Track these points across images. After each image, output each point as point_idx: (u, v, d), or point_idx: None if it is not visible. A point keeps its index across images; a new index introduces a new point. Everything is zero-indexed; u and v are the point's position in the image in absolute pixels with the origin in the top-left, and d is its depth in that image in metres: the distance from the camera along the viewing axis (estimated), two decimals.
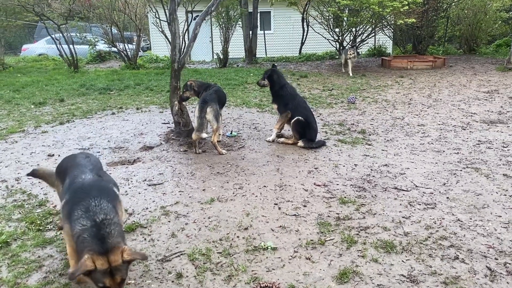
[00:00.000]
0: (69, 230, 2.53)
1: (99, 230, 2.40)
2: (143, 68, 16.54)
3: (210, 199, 4.43)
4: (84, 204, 2.51)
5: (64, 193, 2.78)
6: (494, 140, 6.21)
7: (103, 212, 2.47)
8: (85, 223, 2.43)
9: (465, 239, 3.50)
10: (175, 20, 6.41)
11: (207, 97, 5.95)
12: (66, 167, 3.08)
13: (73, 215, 2.50)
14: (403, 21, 13.20)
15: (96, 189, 2.65)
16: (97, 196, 2.56)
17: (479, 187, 4.54)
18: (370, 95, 10.08)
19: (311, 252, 3.39)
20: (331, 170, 5.23)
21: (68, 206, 2.60)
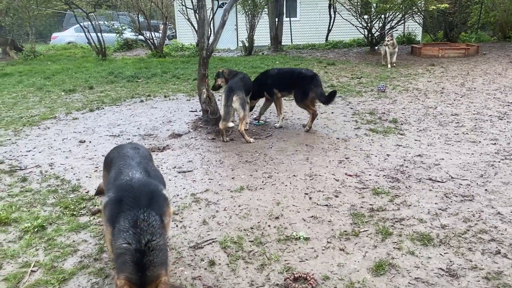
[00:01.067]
0: (111, 237, 2.40)
1: (142, 258, 2.21)
2: (169, 56, 16.59)
3: (240, 187, 4.40)
4: (131, 215, 2.34)
5: (109, 187, 2.66)
6: None
7: (150, 232, 2.29)
8: (130, 242, 2.25)
9: (507, 233, 3.36)
10: (204, 6, 6.35)
11: (233, 85, 5.90)
12: (112, 157, 3.01)
13: (118, 223, 2.34)
14: (435, 7, 12.76)
15: (146, 196, 2.45)
16: (146, 207, 2.38)
17: None
18: (400, 84, 9.82)
19: (345, 243, 3.32)
20: (362, 160, 5.12)
21: (113, 209, 2.44)
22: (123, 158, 2.91)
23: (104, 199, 2.59)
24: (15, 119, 7.39)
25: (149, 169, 2.83)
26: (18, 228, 3.68)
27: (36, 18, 17.33)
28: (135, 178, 2.61)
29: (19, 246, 3.40)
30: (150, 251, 2.25)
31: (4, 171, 4.98)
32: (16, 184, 4.63)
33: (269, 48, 18.32)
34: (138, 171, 2.71)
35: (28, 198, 4.28)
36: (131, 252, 2.23)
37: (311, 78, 6.29)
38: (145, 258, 2.22)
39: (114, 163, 2.90)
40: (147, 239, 2.27)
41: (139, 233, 2.29)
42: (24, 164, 5.22)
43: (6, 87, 10.39)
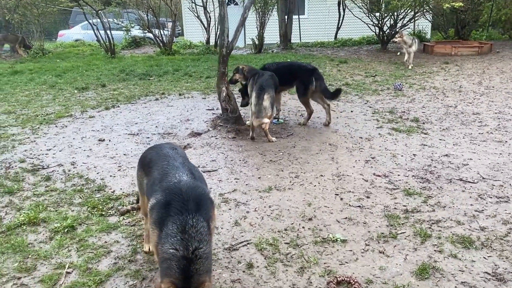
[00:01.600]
0: (157, 240, 2.34)
1: (189, 265, 2.18)
2: (178, 54, 16.51)
3: (268, 187, 4.34)
4: (180, 220, 2.28)
5: (154, 189, 2.58)
6: None
7: (197, 239, 2.24)
8: (177, 248, 2.21)
9: None
10: (224, 3, 6.27)
11: (264, 83, 5.83)
12: (151, 158, 2.92)
13: (166, 226, 2.29)
14: (449, 5, 12.64)
15: (194, 201, 2.38)
16: (195, 212, 2.32)
17: None
18: (416, 82, 9.72)
19: (384, 246, 3.25)
20: (389, 160, 5.04)
21: (161, 212, 2.38)
22: (164, 158, 2.83)
23: (151, 200, 2.51)
24: (31, 117, 7.34)
25: (193, 170, 2.76)
26: (48, 228, 3.63)
27: (44, 15, 17.25)
28: (183, 181, 2.54)
29: (51, 247, 3.35)
30: (197, 259, 2.20)
31: (27, 170, 4.92)
32: (40, 183, 4.57)
33: (278, 45, 18.22)
34: (184, 172, 2.63)
35: (54, 197, 4.23)
36: (177, 259, 2.19)
37: (312, 71, 6.41)
38: (192, 266, 2.18)
39: (155, 163, 2.82)
40: (194, 247, 2.22)
41: (187, 239, 2.24)
42: (46, 163, 5.17)
43: (19, 84, 10.35)
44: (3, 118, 7.26)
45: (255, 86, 5.87)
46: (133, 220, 3.76)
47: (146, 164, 2.96)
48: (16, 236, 3.51)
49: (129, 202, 4.09)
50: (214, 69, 11.99)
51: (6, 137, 6.16)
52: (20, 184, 4.54)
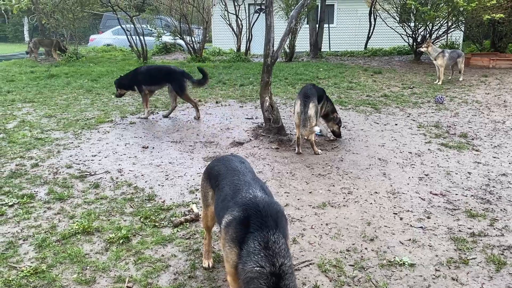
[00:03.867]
0: (236, 259, 2.23)
1: (278, 282, 2.06)
2: (209, 60, 16.56)
3: (322, 203, 4.20)
4: (262, 237, 2.17)
5: (227, 205, 2.48)
6: None
7: (282, 255, 2.12)
8: (263, 265, 2.09)
9: None
10: (271, 13, 6.19)
11: (308, 92, 5.73)
12: (219, 171, 2.85)
13: (246, 244, 2.18)
14: (490, 16, 12.31)
15: (272, 217, 2.28)
16: (275, 228, 2.22)
17: None
18: (457, 95, 9.45)
19: (456, 272, 3.07)
20: (443, 177, 4.84)
21: (239, 229, 2.27)
22: (234, 173, 2.73)
23: (226, 217, 2.41)
24: (72, 121, 7.39)
25: (263, 186, 2.66)
26: (102, 239, 3.57)
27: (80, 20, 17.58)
28: (258, 197, 2.43)
29: (108, 259, 3.29)
30: (284, 274, 2.08)
31: (75, 176, 4.91)
32: (89, 190, 4.55)
33: (308, 54, 18.10)
34: (257, 188, 2.53)
35: (105, 206, 4.19)
36: (266, 276, 2.07)
37: (182, 73, 7.67)
38: (281, 282, 2.06)
39: (224, 177, 2.73)
40: (280, 262, 2.11)
41: (271, 255, 2.12)
42: (93, 169, 5.15)
43: (56, 88, 10.50)
44: (45, 121, 7.33)
45: (299, 94, 5.75)
46: (187, 233, 3.67)
47: (213, 176, 2.88)
48: (72, 245, 3.47)
49: (181, 213, 4.01)
50: (247, 77, 11.97)
51: (50, 141, 6.20)
52: (70, 190, 4.52)
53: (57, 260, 3.25)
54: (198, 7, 16.35)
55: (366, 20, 19.17)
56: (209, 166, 3.05)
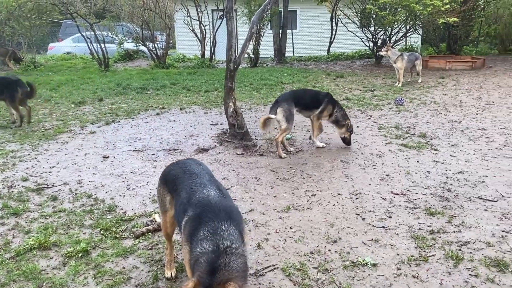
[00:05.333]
0: (189, 256, 2.23)
1: (217, 259, 2.08)
2: (173, 67, 16.40)
3: (286, 207, 4.21)
4: (212, 226, 2.21)
5: (184, 208, 2.49)
6: None
7: (230, 239, 2.15)
8: (207, 247, 2.13)
9: None
10: (231, 18, 6.19)
11: (280, 98, 5.99)
12: (176, 175, 2.80)
13: (197, 236, 2.21)
14: (444, 20, 12.80)
15: (224, 211, 2.34)
16: (226, 219, 2.26)
17: None
18: (416, 97, 9.74)
19: (416, 270, 3.13)
20: (404, 177, 4.96)
21: (192, 225, 2.31)
22: (191, 176, 2.71)
23: (184, 220, 2.41)
24: (28, 132, 7.12)
25: (220, 187, 2.66)
26: (60, 253, 3.44)
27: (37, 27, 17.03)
28: (211, 195, 2.49)
29: (65, 274, 3.16)
30: (227, 255, 2.10)
31: (31, 189, 4.72)
32: (46, 203, 4.37)
33: (272, 59, 18.25)
34: (212, 188, 2.57)
35: (63, 219, 4.03)
36: (207, 254, 2.11)
37: (16, 82, 7.50)
38: (220, 260, 2.07)
39: (181, 181, 2.70)
40: (226, 245, 2.14)
41: (218, 239, 2.16)
42: (51, 181, 4.96)
43: None
44: (0, 133, 7.02)
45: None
46: (149, 244, 3.58)
47: (170, 181, 2.84)
48: (27, 261, 3.32)
49: (143, 223, 3.92)
50: (212, 83, 11.92)
51: (5, 154, 5.94)
52: (26, 204, 4.33)
53: (11, 278, 3.10)
54: (160, 14, 16.18)
55: (328, 25, 19.54)
56: (165, 171, 3.00)
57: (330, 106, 6.04)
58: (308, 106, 6.06)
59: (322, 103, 6.02)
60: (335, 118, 6.09)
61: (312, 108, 6.05)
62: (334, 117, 6.09)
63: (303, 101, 6.03)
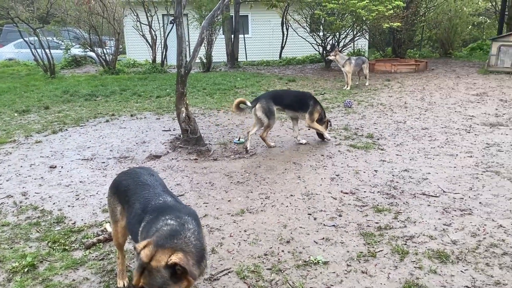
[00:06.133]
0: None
1: (179, 228, 2.15)
2: (123, 73, 16.05)
3: (240, 210, 4.24)
4: (173, 214, 2.27)
5: (138, 218, 2.46)
6: (502, 143, 6.30)
7: (191, 224, 2.22)
8: (169, 222, 2.20)
9: None
10: (181, 23, 6.17)
11: (261, 95, 6.45)
12: (128, 186, 2.74)
13: (157, 224, 2.23)
14: (388, 25, 13.38)
15: (184, 210, 2.39)
16: (188, 214, 2.32)
17: (507, 191, 4.55)
18: (363, 99, 10.11)
19: (365, 265, 3.26)
20: (353, 177, 5.14)
21: (152, 222, 2.30)
22: (144, 187, 2.67)
23: (142, 226, 2.39)
24: None
25: (175, 196, 2.66)
26: (4, 269, 3.28)
27: None
28: (168, 200, 2.53)
29: None
30: (188, 230, 2.17)
31: None
32: None
33: (225, 64, 18.29)
34: (168, 196, 2.59)
35: (7, 233, 3.85)
36: (169, 225, 2.19)
37: None
38: (181, 230, 2.14)
39: (134, 192, 2.66)
40: (189, 226, 2.21)
41: (180, 218, 2.25)
42: None
43: None
44: None
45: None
46: (100, 254, 3.50)
47: (121, 191, 2.78)
48: None
49: (94, 234, 3.81)
50: (164, 88, 11.78)
51: None
52: None
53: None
54: (108, 18, 15.79)
55: (279, 30, 19.85)
56: (116, 180, 2.94)
57: (317, 106, 6.42)
58: (293, 106, 6.40)
59: (309, 104, 6.35)
60: (320, 116, 6.48)
61: (297, 109, 6.37)
62: (319, 116, 6.47)
63: (285, 101, 6.37)
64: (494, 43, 13.96)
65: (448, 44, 19.24)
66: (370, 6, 13.10)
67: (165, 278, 1.94)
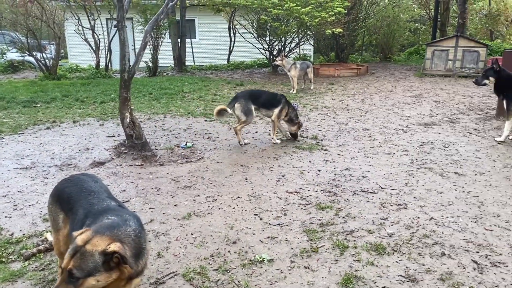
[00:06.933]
0: None
1: (120, 222, 2.16)
2: (65, 78, 15.46)
3: (187, 214, 4.26)
4: (115, 213, 2.28)
5: (81, 223, 2.39)
6: (435, 141, 6.74)
7: (133, 222, 2.24)
8: (110, 217, 2.22)
9: (444, 235, 3.74)
10: (124, 27, 6.08)
11: (239, 94, 6.73)
12: (71, 193, 2.66)
13: (98, 219, 2.25)
14: (331, 31, 13.87)
15: (129, 212, 2.40)
16: (128, 214, 2.32)
17: (438, 186, 4.89)
18: (309, 102, 10.42)
19: (308, 261, 3.39)
20: (297, 177, 5.30)
21: (91, 224, 2.27)
22: (89, 193, 2.63)
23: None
24: None
25: (120, 203, 2.64)
26: None
27: None
28: (111, 204, 2.51)
29: None
30: (129, 226, 2.18)
31: None
32: None
33: (172, 68, 18.12)
34: (112, 201, 2.58)
35: None
36: (110, 219, 2.21)
37: None
38: (122, 225, 2.15)
39: (77, 199, 2.60)
40: (131, 223, 2.22)
41: (122, 214, 2.27)
42: None
43: None
44: None
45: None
46: (41, 264, 3.38)
47: (64, 199, 2.71)
48: None
49: (34, 244, 3.68)
50: (108, 94, 11.49)
51: None
52: None
53: None
54: (48, 22, 15.15)
55: (227, 35, 19.97)
56: (58, 188, 2.87)
57: (287, 106, 6.79)
58: (267, 105, 6.76)
59: (280, 103, 6.75)
60: (290, 117, 6.83)
61: (270, 107, 6.75)
62: (289, 116, 6.82)
63: (261, 100, 6.73)
64: (428, 48, 14.87)
65: (388, 49, 20.23)
66: (313, 12, 13.53)
67: (96, 264, 1.94)
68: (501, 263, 3.29)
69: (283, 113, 6.79)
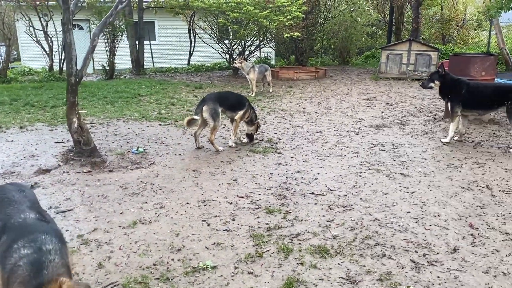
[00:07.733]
0: (1, 271, 2.08)
1: (41, 257, 2.04)
2: (16, 81, 14.84)
3: (132, 222, 4.16)
4: (30, 237, 2.13)
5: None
6: (385, 143, 6.92)
7: (51, 242, 2.13)
8: (25, 252, 2.05)
9: (386, 236, 3.83)
10: (70, 30, 5.89)
11: (206, 96, 6.64)
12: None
13: (10, 251, 2.07)
14: (289, 35, 14.01)
15: (45, 227, 2.28)
16: (47, 232, 2.20)
17: (384, 187, 5.02)
18: (267, 105, 10.47)
19: (252, 266, 3.39)
20: (249, 180, 5.30)
21: (6, 243, 2.15)
22: (9, 203, 2.52)
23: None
24: None
25: (43, 213, 2.53)
26: None
27: None
28: (29, 218, 2.40)
29: None
30: (50, 253, 2.10)
31: None
32: None
33: (130, 71, 17.77)
34: (32, 213, 2.45)
35: None
36: (26, 257, 2.05)
37: None
38: (45, 257, 2.06)
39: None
40: (48, 247, 2.12)
41: (38, 244, 2.13)
42: None
43: None
44: None
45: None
46: None
47: None
48: None
49: None
50: (61, 97, 11.09)
51: None
52: None
53: None
54: None
55: (187, 38, 19.79)
56: None
57: (249, 108, 6.90)
58: (233, 107, 6.78)
59: (245, 105, 6.82)
60: (250, 118, 6.93)
61: (236, 110, 6.77)
62: (250, 118, 6.92)
63: (228, 102, 6.75)
64: (383, 52, 15.30)
65: (346, 52, 20.67)
66: (271, 16, 13.63)
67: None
68: (437, 261, 3.41)
69: (246, 115, 6.89)
